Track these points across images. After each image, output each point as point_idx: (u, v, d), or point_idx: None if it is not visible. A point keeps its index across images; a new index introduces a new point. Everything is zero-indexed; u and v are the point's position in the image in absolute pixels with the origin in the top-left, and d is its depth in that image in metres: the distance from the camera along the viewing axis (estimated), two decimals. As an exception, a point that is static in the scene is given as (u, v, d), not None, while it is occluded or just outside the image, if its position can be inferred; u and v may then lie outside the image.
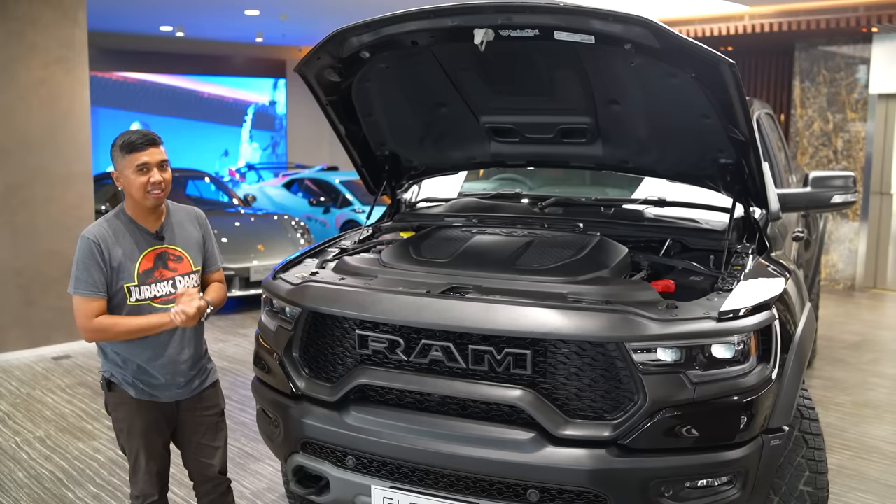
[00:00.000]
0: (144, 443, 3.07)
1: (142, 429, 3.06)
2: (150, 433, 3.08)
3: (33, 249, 6.86)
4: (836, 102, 9.81)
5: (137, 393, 3.05)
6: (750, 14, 9.36)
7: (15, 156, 6.74)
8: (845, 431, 5.26)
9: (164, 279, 3.02)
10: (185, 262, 3.09)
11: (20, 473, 4.58)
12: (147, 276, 2.98)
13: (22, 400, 5.83)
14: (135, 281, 2.96)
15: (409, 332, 2.91)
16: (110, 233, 2.96)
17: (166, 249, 3.04)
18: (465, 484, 2.81)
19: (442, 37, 3.30)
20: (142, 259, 2.98)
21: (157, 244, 3.03)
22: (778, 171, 4.90)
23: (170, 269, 3.04)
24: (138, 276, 2.96)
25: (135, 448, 3.07)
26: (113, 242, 2.94)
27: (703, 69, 2.96)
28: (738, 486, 2.74)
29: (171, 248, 3.06)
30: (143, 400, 3.06)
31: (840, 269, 9.98)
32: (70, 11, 6.95)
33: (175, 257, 3.06)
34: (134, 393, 3.05)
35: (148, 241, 3.01)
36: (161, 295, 3.01)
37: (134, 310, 2.97)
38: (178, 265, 3.07)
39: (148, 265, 2.99)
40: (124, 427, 3.08)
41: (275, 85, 17.33)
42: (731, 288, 2.93)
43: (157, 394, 3.08)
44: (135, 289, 2.96)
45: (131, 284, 2.95)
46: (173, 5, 11.09)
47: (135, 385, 3.05)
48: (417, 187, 4.58)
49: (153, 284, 2.99)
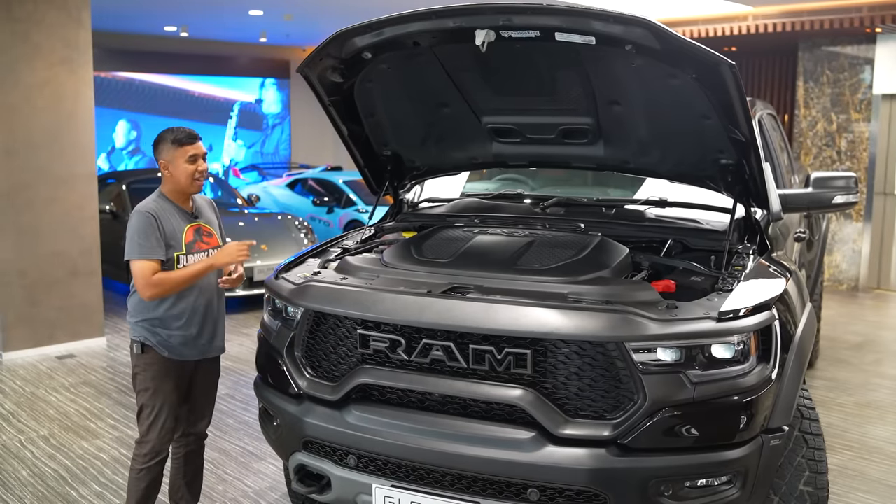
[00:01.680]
0: (168, 400, 3.46)
1: (169, 388, 3.46)
2: (175, 392, 3.50)
3: (37, 250, 6.88)
4: (840, 103, 9.80)
5: (170, 353, 3.45)
6: (753, 14, 9.36)
7: (19, 156, 6.77)
8: (847, 432, 5.26)
9: (202, 250, 3.52)
10: (214, 238, 3.61)
11: (24, 472, 4.61)
12: (191, 246, 3.48)
13: (26, 399, 5.86)
14: (183, 250, 3.44)
15: (410, 331, 2.92)
16: (161, 209, 3.44)
17: (201, 226, 3.56)
18: (466, 483, 2.82)
19: (443, 38, 3.32)
20: (186, 232, 3.48)
21: (194, 221, 3.54)
22: (780, 172, 4.90)
23: (205, 242, 3.55)
24: (185, 246, 3.46)
25: (157, 406, 3.45)
26: (162, 217, 3.42)
27: (703, 70, 2.97)
28: (737, 485, 2.75)
29: (204, 225, 3.58)
30: (171, 360, 3.46)
31: (843, 270, 9.97)
32: (74, 12, 6.97)
33: (207, 233, 3.59)
34: (166, 353, 3.45)
35: (187, 218, 3.52)
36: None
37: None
38: (210, 240, 3.59)
39: (190, 238, 3.49)
40: (152, 386, 3.45)
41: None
42: (731, 288, 2.93)
43: (186, 352, 3.49)
44: (183, 257, 3.44)
45: (180, 253, 3.44)
46: (178, 5, 11.11)
47: (168, 346, 3.44)
48: (420, 187, 4.60)
49: (195, 254, 3.48)
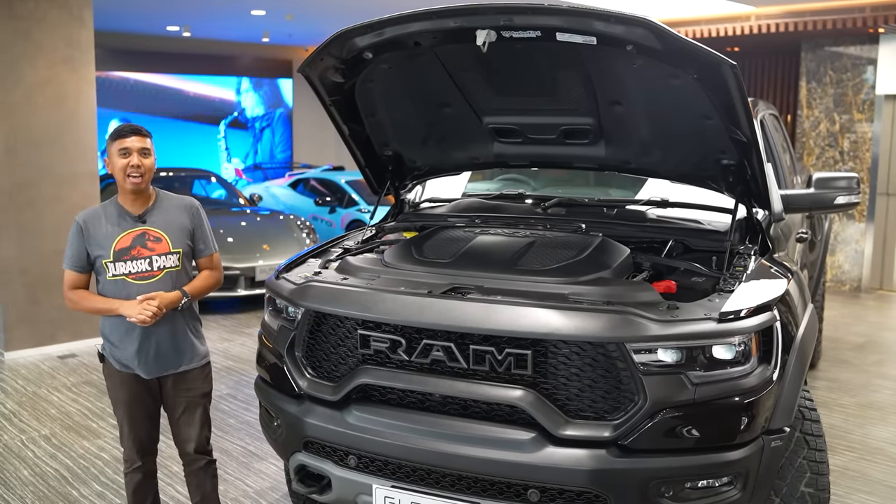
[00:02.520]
0: (128, 413, 3.38)
1: (125, 400, 3.37)
2: (133, 405, 3.37)
3: (39, 248, 6.89)
4: (843, 103, 9.78)
5: (120, 366, 3.35)
6: (756, 15, 9.35)
7: (21, 155, 6.77)
8: (849, 433, 5.25)
9: (142, 257, 3.30)
10: (163, 243, 3.34)
11: (25, 471, 4.61)
12: (123, 253, 3.28)
13: (28, 398, 5.86)
14: (110, 258, 3.27)
15: (410, 331, 2.92)
16: (97, 215, 3.32)
17: (146, 231, 3.33)
18: (466, 484, 2.82)
19: (444, 38, 3.31)
20: (120, 239, 3.29)
21: (138, 226, 3.32)
22: (782, 173, 4.89)
23: (147, 249, 3.32)
24: (114, 254, 3.28)
25: (119, 417, 3.41)
26: (95, 224, 3.30)
27: (704, 70, 2.96)
28: (738, 486, 2.75)
29: (151, 230, 3.33)
30: (125, 373, 3.35)
31: (846, 271, 9.95)
32: (76, 11, 6.97)
33: (154, 238, 3.34)
34: (117, 366, 3.35)
35: (129, 223, 3.32)
36: (137, 271, 3.30)
37: (112, 283, 3.29)
38: (157, 245, 3.33)
39: (126, 243, 3.29)
40: (112, 397, 3.41)
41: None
42: (732, 289, 2.92)
43: (135, 368, 3.33)
44: (111, 265, 3.28)
45: (108, 261, 3.27)
46: (180, 5, 11.11)
47: (117, 359, 3.34)
48: (421, 188, 4.60)
49: (129, 261, 3.29)
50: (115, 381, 3.37)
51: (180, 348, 3.38)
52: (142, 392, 3.37)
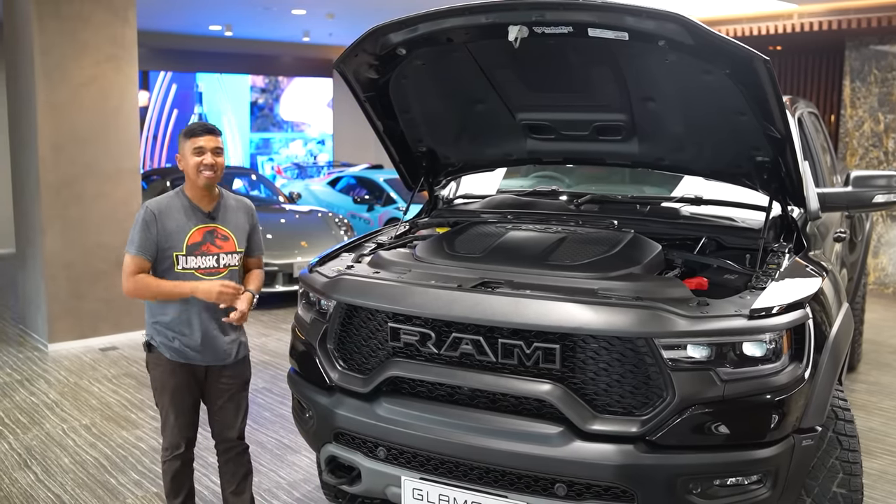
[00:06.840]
0: (174, 401, 3.44)
1: (173, 388, 3.42)
2: (180, 392, 3.44)
3: (83, 243, 7.02)
4: (888, 102, 9.59)
5: (172, 355, 3.40)
6: (799, 13, 9.21)
7: (67, 152, 6.92)
8: (888, 436, 5.16)
9: (210, 254, 3.40)
10: (230, 242, 3.45)
11: (66, 459, 4.72)
12: (195, 248, 3.36)
13: (70, 389, 6.00)
14: (183, 251, 3.34)
15: (440, 325, 2.94)
16: (169, 206, 3.38)
17: (216, 228, 3.42)
18: (494, 477, 2.83)
19: (477, 34, 3.33)
20: (192, 233, 3.36)
21: (209, 222, 3.41)
22: (820, 172, 4.82)
23: (216, 246, 3.42)
24: (186, 248, 3.35)
25: (166, 405, 3.45)
26: (167, 215, 3.35)
27: (737, 66, 2.94)
28: (768, 485, 2.72)
29: (220, 228, 3.44)
30: (176, 362, 3.41)
31: (890, 273, 9.76)
32: (121, 11, 7.11)
33: (222, 236, 3.44)
34: (169, 355, 3.40)
35: (200, 218, 3.40)
36: (206, 267, 3.39)
37: (179, 277, 3.35)
38: (224, 244, 3.44)
39: (197, 239, 3.37)
40: (158, 386, 3.46)
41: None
42: (764, 286, 2.90)
43: (194, 358, 3.41)
44: (182, 258, 3.35)
45: (180, 254, 3.34)
46: (222, 5, 11.27)
47: (171, 348, 3.39)
48: (456, 184, 4.61)
49: (199, 256, 3.37)
50: (164, 370, 3.42)
51: (234, 340, 3.50)
52: (190, 380, 3.45)
